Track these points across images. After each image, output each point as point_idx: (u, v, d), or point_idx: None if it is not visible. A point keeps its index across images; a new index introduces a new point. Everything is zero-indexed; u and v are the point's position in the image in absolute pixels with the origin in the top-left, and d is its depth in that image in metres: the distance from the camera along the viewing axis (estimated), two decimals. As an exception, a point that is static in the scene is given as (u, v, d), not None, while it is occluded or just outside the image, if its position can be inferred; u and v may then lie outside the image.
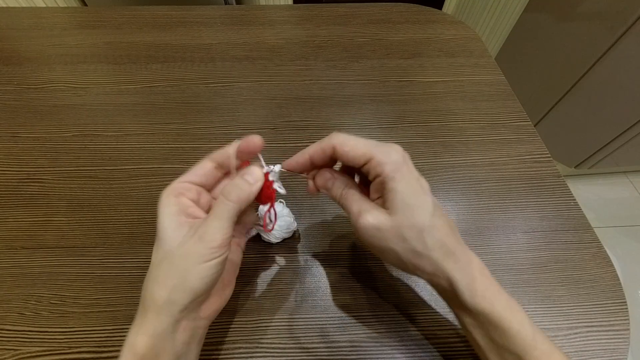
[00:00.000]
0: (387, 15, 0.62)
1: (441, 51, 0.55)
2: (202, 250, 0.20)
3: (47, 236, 0.33)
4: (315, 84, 0.49)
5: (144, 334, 0.20)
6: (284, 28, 0.58)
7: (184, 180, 0.23)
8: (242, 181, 0.22)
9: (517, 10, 1.09)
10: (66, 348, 0.27)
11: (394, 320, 0.29)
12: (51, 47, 0.53)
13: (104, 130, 0.42)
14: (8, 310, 0.29)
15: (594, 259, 0.33)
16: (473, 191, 0.38)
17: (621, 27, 0.78)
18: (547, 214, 0.36)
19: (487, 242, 0.34)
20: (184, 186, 0.23)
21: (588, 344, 0.29)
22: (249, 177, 0.22)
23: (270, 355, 0.28)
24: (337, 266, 0.32)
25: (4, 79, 0.48)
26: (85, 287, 0.30)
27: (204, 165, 0.24)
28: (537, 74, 1.05)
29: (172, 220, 0.21)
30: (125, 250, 0.33)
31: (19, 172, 0.38)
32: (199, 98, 0.46)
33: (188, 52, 0.53)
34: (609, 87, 0.89)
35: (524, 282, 0.32)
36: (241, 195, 0.21)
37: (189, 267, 0.20)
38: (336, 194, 0.24)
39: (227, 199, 0.21)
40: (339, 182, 0.24)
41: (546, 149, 0.42)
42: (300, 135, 0.43)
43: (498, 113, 0.46)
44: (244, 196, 0.22)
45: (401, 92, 0.48)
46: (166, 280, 0.20)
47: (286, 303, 0.30)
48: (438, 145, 0.42)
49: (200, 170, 0.23)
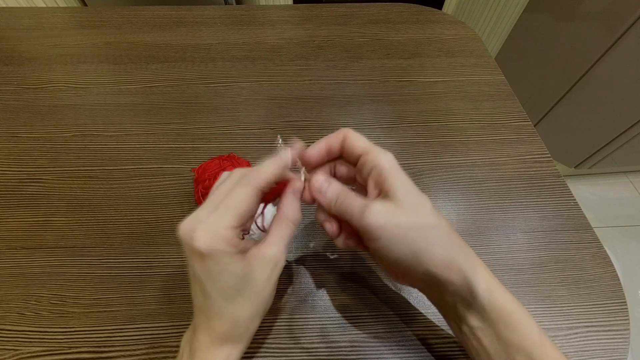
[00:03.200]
0: (387, 15, 0.62)
1: (441, 51, 0.55)
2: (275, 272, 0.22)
3: (47, 236, 0.33)
4: (315, 84, 0.49)
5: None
6: (284, 28, 0.58)
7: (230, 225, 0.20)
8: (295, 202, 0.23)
9: (517, 10, 1.09)
10: (66, 348, 0.27)
11: (393, 320, 0.29)
12: (51, 47, 0.53)
13: (104, 130, 0.42)
14: (8, 310, 0.29)
15: (594, 259, 0.33)
16: (473, 191, 0.38)
17: (621, 27, 0.78)
18: (547, 214, 0.36)
19: (487, 242, 0.34)
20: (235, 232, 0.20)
21: (588, 344, 0.29)
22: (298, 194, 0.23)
23: (270, 355, 0.28)
24: (337, 266, 0.32)
25: (4, 79, 0.48)
26: (85, 287, 0.30)
27: (251, 204, 0.21)
28: (537, 74, 1.05)
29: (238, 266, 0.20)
30: (125, 250, 0.32)
31: (19, 172, 0.38)
32: (199, 98, 0.46)
33: (188, 52, 0.53)
34: (609, 87, 0.89)
35: (524, 282, 0.32)
36: (297, 218, 0.23)
37: (263, 290, 0.21)
38: (332, 197, 0.23)
39: (290, 220, 0.22)
40: (334, 185, 0.23)
41: (546, 149, 0.42)
42: (300, 135, 0.43)
43: (498, 113, 0.46)
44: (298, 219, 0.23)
45: (401, 92, 0.48)
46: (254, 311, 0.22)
47: (286, 303, 0.30)
48: (438, 145, 0.42)
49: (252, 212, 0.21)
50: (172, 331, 0.28)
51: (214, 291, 0.20)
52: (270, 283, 0.22)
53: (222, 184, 0.22)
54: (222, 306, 0.21)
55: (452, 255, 0.21)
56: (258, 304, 0.22)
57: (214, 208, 0.20)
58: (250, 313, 0.21)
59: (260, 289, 0.21)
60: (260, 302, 0.22)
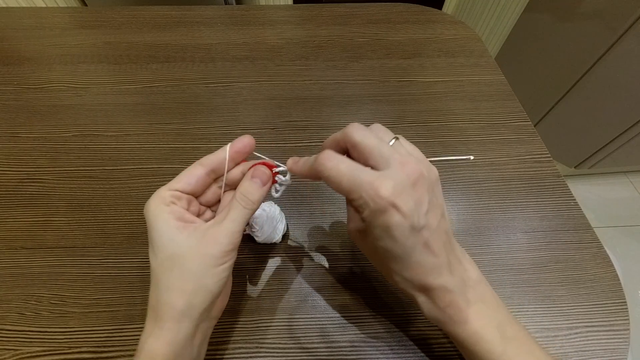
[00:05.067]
0: (387, 15, 0.62)
1: (441, 51, 0.55)
2: (218, 254, 0.20)
3: (47, 236, 0.33)
4: (315, 84, 0.49)
5: (164, 344, 0.19)
6: (284, 28, 0.58)
7: (173, 188, 0.22)
8: (252, 185, 0.22)
9: (517, 10, 1.09)
10: (66, 348, 0.27)
11: (393, 320, 0.29)
12: (51, 47, 0.53)
13: (104, 130, 0.42)
14: (8, 310, 0.29)
15: (594, 259, 0.33)
16: (473, 191, 0.38)
17: (621, 27, 0.78)
18: (547, 214, 0.36)
19: (487, 242, 0.34)
20: (173, 194, 0.22)
21: (588, 344, 0.29)
22: (258, 180, 0.22)
23: (270, 355, 0.28)
24: (337, 266, 0.32)
25: (4, 79, 0.48)
26: (85, 287, 0.30)
27: (195, 173, 0.22)
28: (537, 74, 1.05)
29: (169, 226, 0.20)
30: (125, 250, 0.33)
31: (19, 172, 0.38)
32: (199, 98, 0.46)
33: (188, 52, 0.53)
34: (609, 87, 0.89)
35: (524, 282, 0.32)
36: (253, 199, 0.22)
37: (206, 270, 0.20)
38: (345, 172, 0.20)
39: (240, 202, 0.21)
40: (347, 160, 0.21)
41: (546, 149, 0.42)
42: (300, 135, 0.43)
43: (498, 113, 0.46)
44: (255, 200, 0.22)
45: (401, 92, 0.48)
46: (183, 286, 0.20)
47: (286, 303, 0.30)
48: (438, 145, 0.42)
49: (192, 178, 0.22)
50: (172, 331, 0.28)
51: (150, 252, 0.21)
52: (205, 263, 0.20)
53: None
54: (153, 268, 0.20)
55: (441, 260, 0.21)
56: (184, 278, 0.20)
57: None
58: (173, 284, 0.20)
59: (191, 264, 0.20)
60: (188, 277, 0.20)
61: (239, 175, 0.24)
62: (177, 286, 0.20)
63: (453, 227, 0.35)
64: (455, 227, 0.35)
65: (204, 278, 0.20)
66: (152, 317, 0.20)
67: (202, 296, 0.20)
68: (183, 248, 0.20)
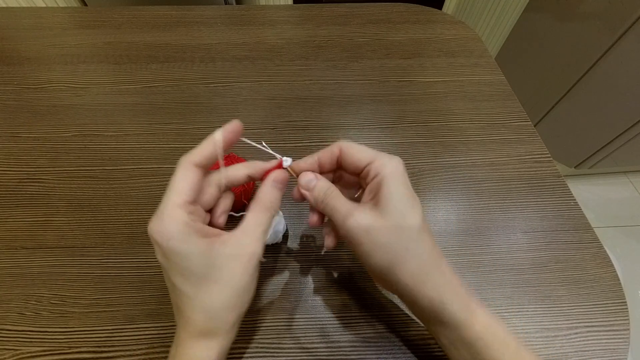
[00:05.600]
0: (387, 15, 0.62)
1: (441, 51, 0.55)
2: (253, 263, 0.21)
3: (47, 236, 0.33)
4: (315, 84, 0.49)
5: (216, 354, 0.21)
6: (284, 28, 0.58)
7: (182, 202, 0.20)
8: (273, 189, 0.23)
9: (517, 10, 1.09)
10: (66, 348, 0.27)
11: (393, 320, 0.29)
12: (51, 47, 0.53)
13: (104, 130, 0.42)
14: (8, 310, 0.29)
15: (594, 259, 0.33)
16: (473, 191, 0.38)
17: (621, 27, 0.78)
18: (547, 214, 0.36)
19: (487, 242, 0.34)
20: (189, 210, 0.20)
21: (588, 344, 0.29)
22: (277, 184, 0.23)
23: (270, 355, 0.28)
24: (337, 266, 0.32)
25: (4, 79, 0.48)
26: (85, 287, 0.30)
27: (192, 176, 0.21)
28: (537, 74, 1.05)
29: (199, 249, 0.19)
30: (125, 250, 0.32)
31: (19, 172, 0.38)
32: (199, 98, 0.46)
33: (188, 52, 0.53)
34: (609, 87, 0.89)
35: (524, 282, 0.32)
36: (278, 204, 0.23)
37: (243, 282, 0.20)
38: (319, 195, 0.23)
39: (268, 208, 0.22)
40: (322, 183, 0.23)
41: (546, 149, 0.42)
42: (300, 135, 0.43)
43: (498, 113, 0.46)
44: (279, 204, 0.23)
45: (401, 92, 0.48)
46: (235, 304, 0.21)
47: (286, 303, 0.30)
48: (438, 145, 0.42)
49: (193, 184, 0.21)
50: (172, 331, 0.28)
51: (177, 277, 0.20)
52: (245, 272, 0.20)
53: None
54: (189, 293, 0.20)
55: (426, 272, 0.21)
56: (232, 293, 0.20)
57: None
58: (223, 302, 0.20)
59: (233, 276, 0.20)
60: (235, 292, 0.20)
61: (243, 177, 0.23)
62: (228, 303, 0.20)
63: (453, 227, 0.35)
64: (455, 227, 0.35)
65: (245, 291, 0.21)
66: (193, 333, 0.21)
67: (247, 303, 0.22)
68: (219, 262, 0.20)
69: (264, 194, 0.22)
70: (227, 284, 0.20)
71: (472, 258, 0.33)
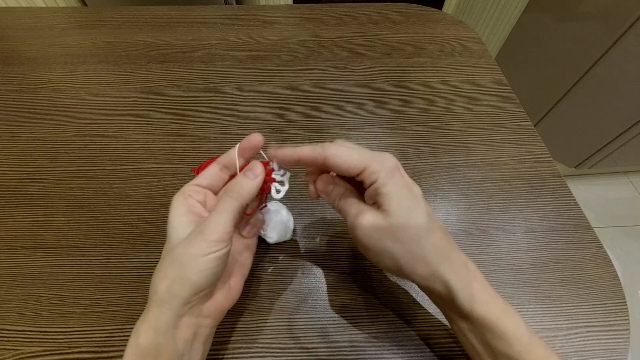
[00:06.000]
0: (387, 15, 0.62)
1: (441, 51, 0.55)
2: (201, 244, 0.20)
3: (47, 236, 0.33)
4: (315, 84, 0.49)
5: (147, 326, 0.20)
6: (284, 28, 0.58)
7: (192, 184, 0.24)
8: (243, 177, 0.23)
9: (517, 10, 1.09)
10: (66, 348, 0.27)
11: (393, 320, 0.29)
12: (51, 47, 0.53)
13: (104, 130, 0.42)
14: (8, 310, 0.29)
15: (594, 259, 0.33)
16: (473, 191, 0.38)
17: (621, 27, 0.78)
18: (547, 214, 0.36)
19: (487, 242, 0.34)
20: (192, 189, 0.24)
21: (588, 344, 0.29)
22: (250, 173, 0.23)
23: (270, 355, 0.28)
24: (337, 266, 0.32)
25: (4, 79, 0.48)
26: (85, 287, 0.30)
27: (211, 169, 0.25)
28: (537, 74, 1.05)
29: (180, 219, 0.22)
30: (125, 250, 0.32)
31: (19, 172, 0.38)
32: (199, 98, 0.46)
33: (188, 52, 0.53)
34: (609, 87, 0.89)
35: (524, 282, 0.32)
36: (242, 191, 0.22)
37: (188, 260, 0.20)
38: (335, 199, 0.25)
39: (228, 195, 0.22)
40: (338, 188, 0.25)
41: (546, 149, 0.42)
42: (300, 135, 0.43)
43: (498, 113, 0.46)
44: (245, 192, 0.22)
45: (401, 92, 0.48)
46: (167, 273, 0.21)
47: (286, 303, 0.30)
48: (438, 145, 0.42)
49: (207, 173, 0.25)
50: (172, 331, 0.28)
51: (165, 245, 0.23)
52: (195, 252, 0.20)
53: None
54: (161, 261, 0.22)
55: (434, 266, 0.22)
56: (178, 269, 0.20)
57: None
58: (166, 271, 0.21)
59: (182, 252, 0.21)
60: (180, 268, 0.20)
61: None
62: (162, 273, 0.21)
63: (453, 227, 0.35)
64: (455, 227, 0.35)
65: (186, 267, 0.20)
66: (147, 303, 0.21)
67: (181, 284, 0.20)
68: (181, 238, 0.21)
69: (232, 181, 0.23)
70: (172, 256, 0.21)
71: (472, 258, 0.33)
